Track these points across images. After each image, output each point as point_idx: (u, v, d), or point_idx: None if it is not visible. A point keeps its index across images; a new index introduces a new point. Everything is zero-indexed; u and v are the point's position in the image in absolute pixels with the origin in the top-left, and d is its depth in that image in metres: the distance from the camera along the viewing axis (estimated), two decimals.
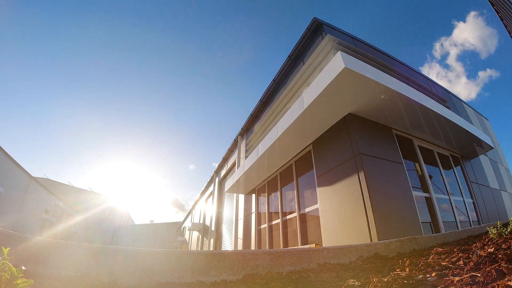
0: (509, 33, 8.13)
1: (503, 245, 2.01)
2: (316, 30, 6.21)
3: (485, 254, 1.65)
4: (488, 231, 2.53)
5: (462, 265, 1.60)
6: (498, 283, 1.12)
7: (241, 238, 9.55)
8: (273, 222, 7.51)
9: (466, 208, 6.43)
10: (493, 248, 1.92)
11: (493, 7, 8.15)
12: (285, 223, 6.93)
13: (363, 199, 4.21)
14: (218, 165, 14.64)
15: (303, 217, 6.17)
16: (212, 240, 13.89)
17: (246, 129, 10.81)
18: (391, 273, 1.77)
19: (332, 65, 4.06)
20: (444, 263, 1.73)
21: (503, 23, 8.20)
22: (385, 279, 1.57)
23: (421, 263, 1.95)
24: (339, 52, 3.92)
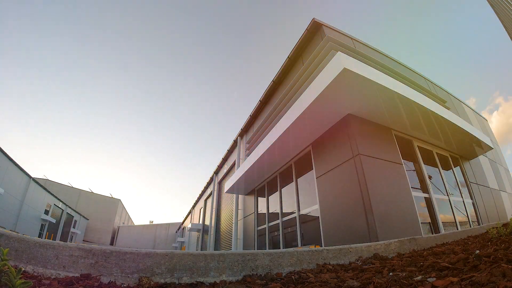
0: (509, 35, 8.15)
1: (503, 245, 2.01)
2: (315, 31, 6.22)
3: (484, 255, 1.65)
4: (487, 232, 2.54)
5: (462, 266, 1.60)
6: (498, 283, 1.12)
7: (241, 238, 9.54)
8: (273, 223, 7.51)
9: (465, 208, 6.44)
10: (492, 249, 1.92)
11: (493, 9, 8.18)
12: (284, 223, 6.93)
13: (363, 200, 4.21)
14: (218, 165, 14.64)
15: (302, 218, 6.17)
16: (211, 241, 13.88)
17: (246, 130, 10.82)
18: (390, 273, 1.77)
19: (331, 65, 4.07)
20: (443, 264, 1.73)
21: (503, 25, 8.22)
22: (385, 280, 1.57)
23: (421, 263, 1.95)
24: (338, 53, 3.93)
